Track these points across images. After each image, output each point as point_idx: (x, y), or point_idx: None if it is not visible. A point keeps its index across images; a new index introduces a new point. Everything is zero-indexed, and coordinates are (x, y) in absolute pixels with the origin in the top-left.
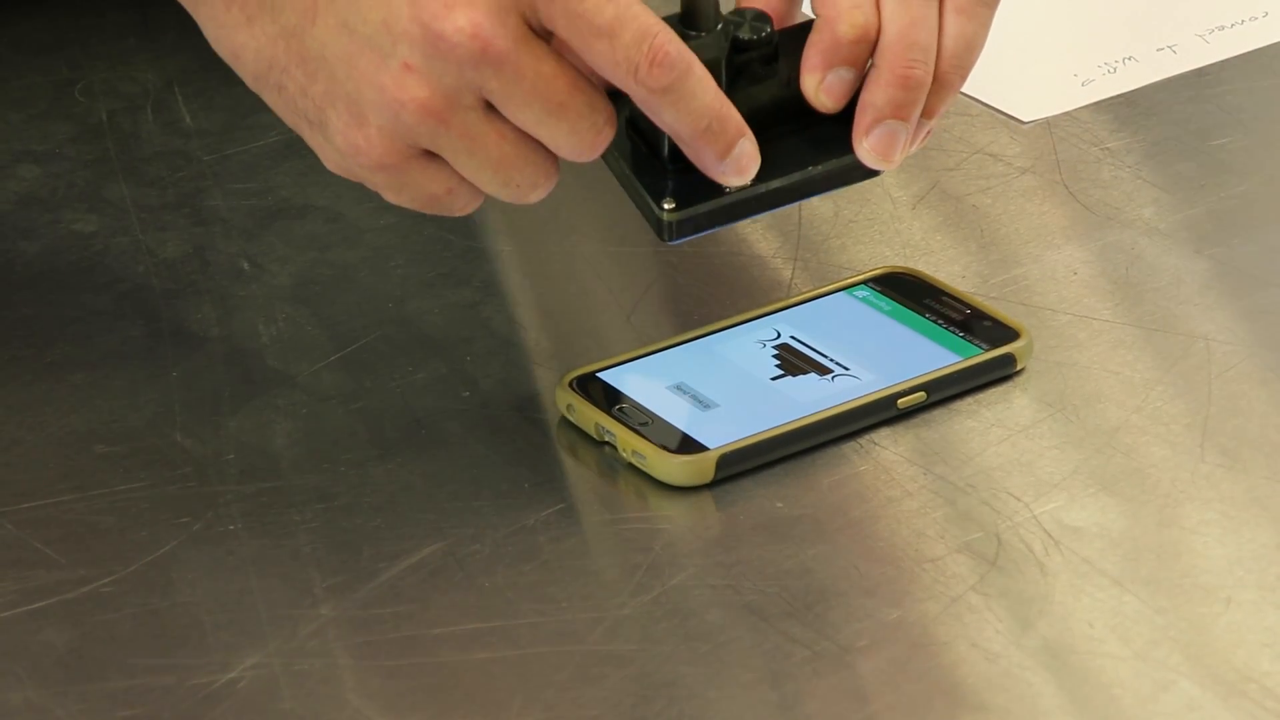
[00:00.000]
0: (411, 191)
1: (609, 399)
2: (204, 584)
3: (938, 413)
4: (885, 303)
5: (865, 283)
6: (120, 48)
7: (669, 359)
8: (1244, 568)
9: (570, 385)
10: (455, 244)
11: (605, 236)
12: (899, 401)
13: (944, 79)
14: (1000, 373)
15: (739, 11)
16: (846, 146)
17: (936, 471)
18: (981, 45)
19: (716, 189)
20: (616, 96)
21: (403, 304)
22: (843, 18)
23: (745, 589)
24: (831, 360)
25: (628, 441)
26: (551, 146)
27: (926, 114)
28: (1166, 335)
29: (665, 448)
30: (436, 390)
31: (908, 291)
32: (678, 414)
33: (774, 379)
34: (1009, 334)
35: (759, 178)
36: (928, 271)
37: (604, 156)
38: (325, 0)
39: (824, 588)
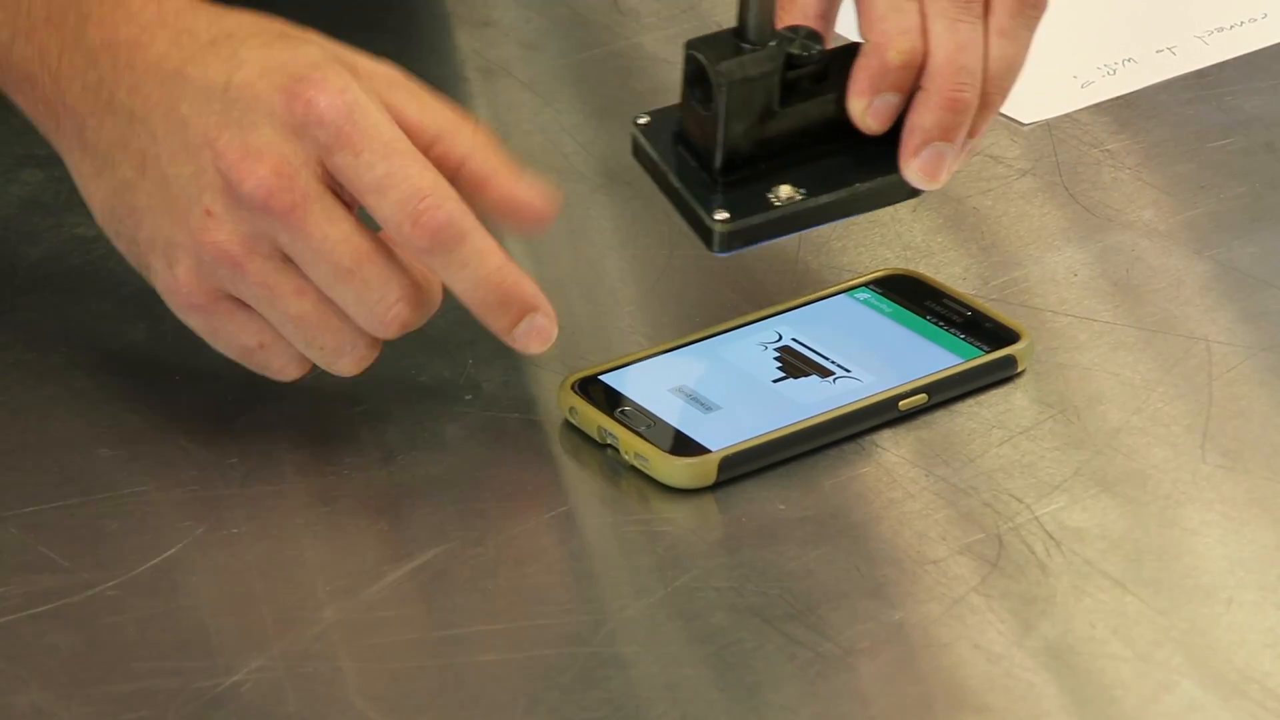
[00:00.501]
0: (225, 339)
1: (611, 402)
2: (208, 587)
3: (939, 414)
4: (886, 305)
5: (866, 285)
6: None
7: (671, 361)
8: (1245, 568)
9: (573, 388)
10: None
11: (607, 240)
12: (900, 403)
13: (987, 100)
14: (1001, 374)
15: (792, 29)
16: (893, 165)
17: (938, 473)
18: (1022, 66)
19: (766, 202)
20: (668, 113)
21: None
22: (892, 44)
23: (748, 591)
24: (833, 362)
25: (630, 444)
26: (347, 312)
27: (970, 133)
28: (1167, 337)
29: (667, 450)
30: (439, 393)
31: (909, 293)
32: (680, 416)
33: (776, 381)
34: (1010, 336)
35: (809, 192)
36: (928, 273)
37: (650, 168)
38: (151, 156)
39: (826, 589)
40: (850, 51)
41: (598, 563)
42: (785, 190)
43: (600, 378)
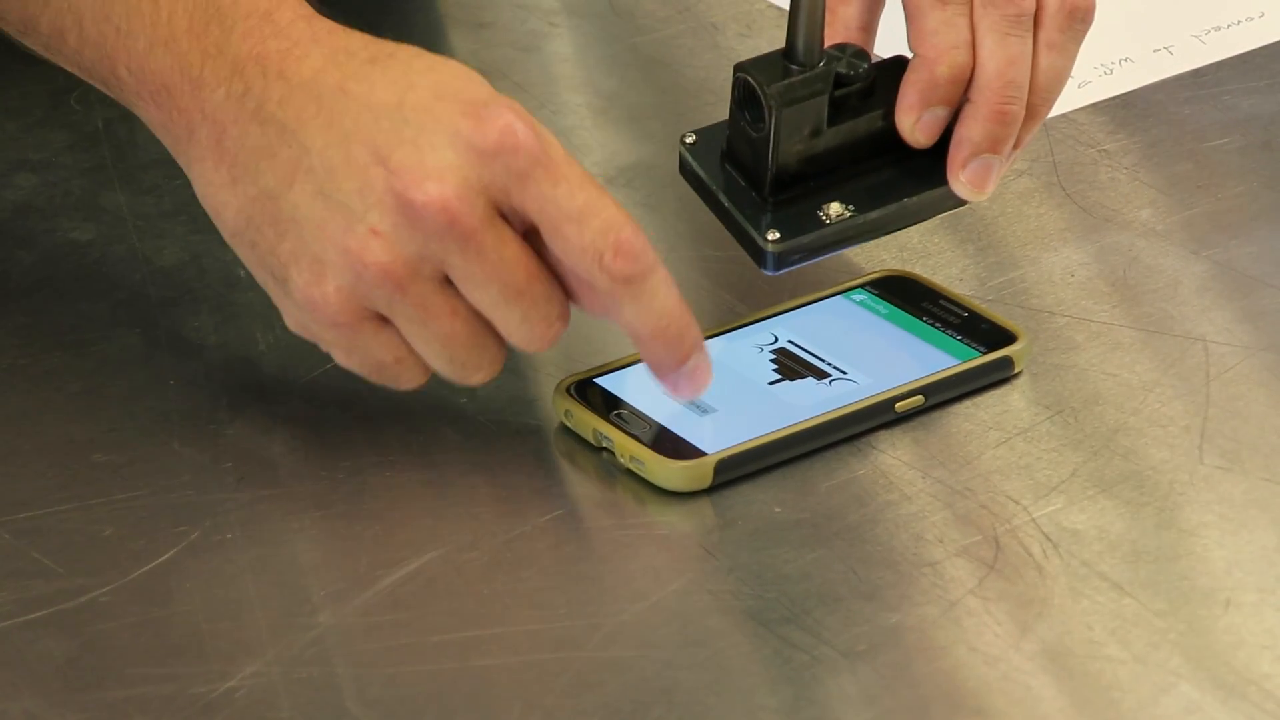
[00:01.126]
0: (361, 355)
1: (607, 404)
2: (202, 593)
3: (936, 416)
4: (883, 306)
5: (862, 286)
6: None
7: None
8: (1243, 570)
9: (568, 391)
10: None
11: None
12: (897, 405)
13: (1033, 111)
14: (998, 375)
15: (839, 47)
16: (940, 177)
17: (935, 475)
18: (1067, 78)
19: (816, 220)
20: (714, 132)
21: None
22: (942, 58)
23: (743, 594)
24: (829, 364)
25: (625, 447)
26: (504, 331)
27: (1015, 144)
28: (1164, 337)
29: (663, 453)
30: (434, 397)
31: (905, 295)
32: (675, 419)
33: (771, 383)
34: (1006, 337)
35: (859, 208)
36: (925, 274)
37: (698, 186)
38: (303, 169)
39: (822, 592)
40: (895, 66)
41: (593, 566)
42: (835, 208)
43: (595, 381)
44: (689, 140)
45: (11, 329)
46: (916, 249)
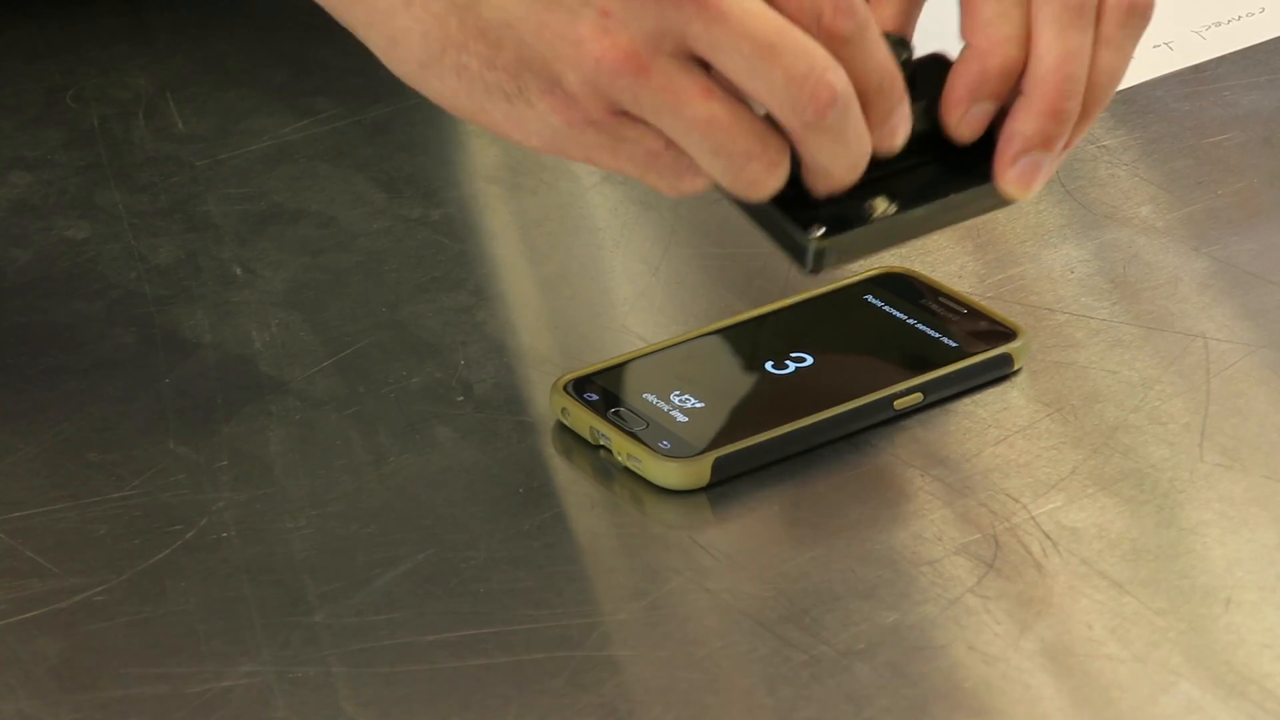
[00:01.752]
0: (628, 150)
1: (604, 402)
2: (197, 592)
3: (935, 414)
4: (882, 303)
5: (862, 283)
6: (112, 54)
7: (664, 361)
8: (1243, 568)
9: (565, 389)
10: (449, 248)
11: (601, 238)
12: (896, 403)
13: (1086, 110)
14: (997, 373)
15: (884, 35)
16: (982, 174)
17: (933, 473)
18: (1123, 76)
19: (859, 217)
20: None
21: (396, 308)
22: (995, 51)
23: (741, 593)
24: (827, 361)
25: (623, 445)
26: (770, 104)
27: (1066, 144)
28: (1164, 334)
29: (660, 451)
30: (430, 395)
31: (904, 292)
32: (673, 417)
33: (770, 381)
34: (1006, 334)
35: (902, 205)
36: (924, 272)
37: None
38: None
39: (821, 591)
40: (932, 63)
41: (590, 565)
42: (879, 204)
43: (593, 378)
44: None
45: (6, 327)
46: (915, 246)
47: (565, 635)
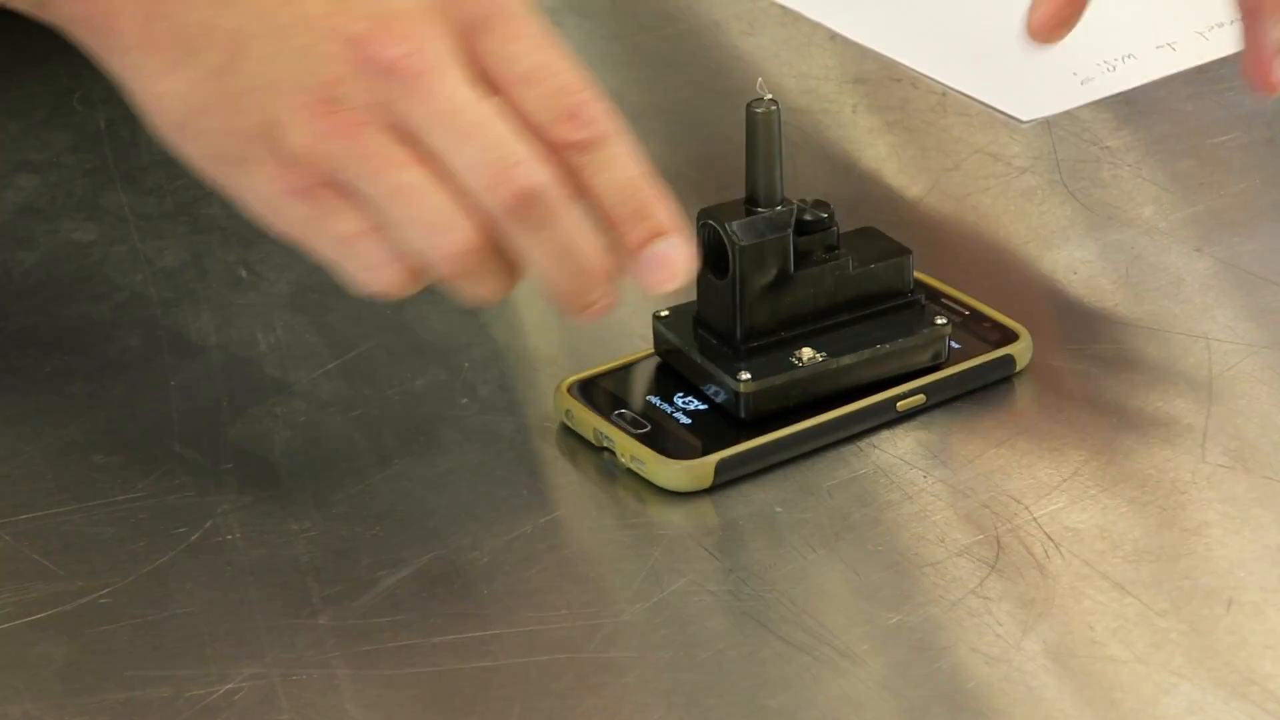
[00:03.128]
0: (323, 229)
1: (608, 404)
2: (202, 594)
3: (937, 415)
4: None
5: None
6: None
7: (668, 363)
8: (1246, 569)
9: (569, 391)
10: None
11: None
12: (898, 404)
13: None
14: (1000, 374)
15: (801, 199)
16: (913, 327)
17: (936, 474)
18: None
19: (789, 364)
20: (686, 308)
21: (401, 311)
22: None
23: (744, 594)
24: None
25: (626, 447)
26: (465, 177)
27: None
28: (1167, 335)
29: (664, 453)
30: (435, 397)
31: None
32: (676, 419)
33: None
34: (1008, 335)
35: (831, 353)
36: (926, 272)
37: (673, 354)
38: (247, 35)
39: (824, 593)
40: (866, 230)
41: (594, 567)
42: (807, 352)
43: (597, 380)
44: (663, 314)
45: (12, 330)
46: (916, 246)
47: (569, 637)
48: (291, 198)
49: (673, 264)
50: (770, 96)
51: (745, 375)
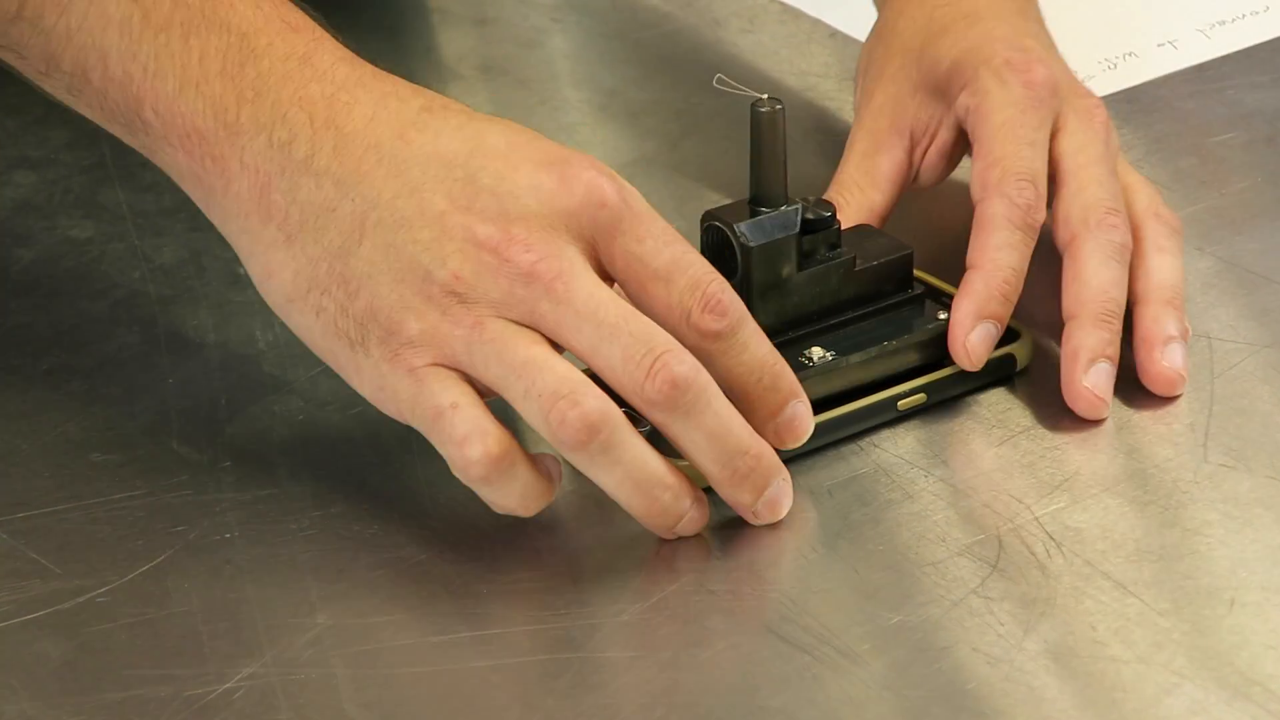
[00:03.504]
0: (424, 401)
1: None
2: (200, 593)
3: (938, 414)
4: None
5: None
6: None
7: None
8: (1248, 569)
9: None
10: None
11: None
12: (899, 403)
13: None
14: (1001, 373)
15: (804, 198)
16: (915, 323)
17: (937, 474)
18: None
19: (799, 364)
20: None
21: None
22: (998, 274)
23: (744, 594)
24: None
25: None
26: (609, 378)
27: (1184, 335)
28: None
29: (664, 452)
30: None
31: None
32: None
33: None
34: (1009, 334)
35: (840, 352)
36: (927, 272)
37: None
38: (372, 222)
39: (823, 592)
40: (862, 228)
41: (593, 567)
42: (816, 351)
43: (596, 378)
44: None
45: (10, 327)
46: (918, 245)
47: (568, 636)
48: (406, 376)
49: (800, 426)
50: (770, 96)
51: None
